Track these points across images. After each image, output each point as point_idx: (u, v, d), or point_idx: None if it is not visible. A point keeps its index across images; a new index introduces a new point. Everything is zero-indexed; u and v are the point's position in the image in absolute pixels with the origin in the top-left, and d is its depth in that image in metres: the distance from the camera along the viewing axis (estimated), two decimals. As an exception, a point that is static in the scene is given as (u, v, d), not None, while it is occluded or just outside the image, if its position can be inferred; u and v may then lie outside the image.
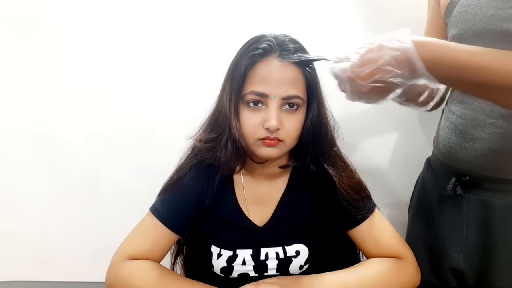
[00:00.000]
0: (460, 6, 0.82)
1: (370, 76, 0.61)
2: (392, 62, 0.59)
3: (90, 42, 1.20)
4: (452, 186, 0.87)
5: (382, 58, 0.60)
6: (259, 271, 0.82)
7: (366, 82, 0.61)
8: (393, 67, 0.59)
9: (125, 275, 0.74)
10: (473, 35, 0.79)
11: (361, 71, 0.61)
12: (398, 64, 0.59)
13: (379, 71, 0.60)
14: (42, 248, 1.35)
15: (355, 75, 0.62)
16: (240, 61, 0.74)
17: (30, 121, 1.25)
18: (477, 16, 0.78)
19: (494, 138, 0.80)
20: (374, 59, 0.60)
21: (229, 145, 0.74)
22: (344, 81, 0.64)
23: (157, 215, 0.79)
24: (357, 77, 0.61)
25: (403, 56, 0.59)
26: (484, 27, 0.77)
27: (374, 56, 0.60)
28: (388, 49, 0.59)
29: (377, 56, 0.60)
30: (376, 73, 0.60)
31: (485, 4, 0.77)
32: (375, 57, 0.60)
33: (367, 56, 0.61)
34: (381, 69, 0.59)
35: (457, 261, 0.89)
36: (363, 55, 0.61)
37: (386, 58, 0.59)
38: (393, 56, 0.59)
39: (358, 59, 0.61)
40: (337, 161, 0.81)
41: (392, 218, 1.28)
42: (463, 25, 0.81)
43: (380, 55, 0.60)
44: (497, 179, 0.82)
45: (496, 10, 0.75)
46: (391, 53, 0.59)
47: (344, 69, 0.63)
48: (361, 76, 0.61)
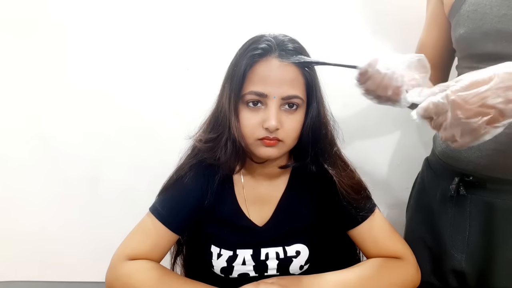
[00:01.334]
0: (468, 5, 0.80)
1: (478, 100, 0.54)
2: (504, 86, 0.53)
3: (90, 42, 1.20)
4: (455, 186, 0.85)
5: (491, 81, 0.54)
6: (259, 271, 0.82)
7: (473, 106, 0.54)
8: (505, 90, 0.53)
9: (125, 275, 0.74)
10: (482, 35, 0.77)
11: (467, 93, 0.54)
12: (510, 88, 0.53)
13: (488, 94, 0.53)
14: (42, 248, 1.35)
15: (460, 98, 0.54)
16: (240, 61, 0.74)
17: (30, 122, 1.25)
18: (487, 16, 0.76)
19: (500, 138, 0.79)
20: (483, 82, 0.54)
21: (228, 145, 0.74)
22: (444, 109, 0.56)
23: (157, 215, 0.79)
24: (463, 100, 0.54)
25: None
26: (495, 27, 0.75)
27: (483, 80, 0.54)
28: (499, 74, 0.54)
29: (486, 80, 0.54)
30: (485, 96, 0.53)
31: (496, 4, 0.75)
32: (484, 81, 0.54)
33: (475, 81, 0.55)
34: (490, 92, 0.53)
35: (459, 262, 0.89)
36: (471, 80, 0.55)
37: (496, 81, 0.53)
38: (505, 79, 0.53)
39: (465, 83, 0.55)
40: (337, 161, 0.81)
41: (392, 218, 1.28)
42: (471, 24, 0.79)
43: (489, 79, 0.54)
44: (501, 180, 0.81)
45: (508, 10, 0.74)
46: (502, 77, 0.53)
47: (446, 95, 0.56)
48: (467, 98, 0.54)
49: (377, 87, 0.68)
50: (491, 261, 0.85)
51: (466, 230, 0.88)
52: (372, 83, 0.68)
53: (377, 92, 0.69)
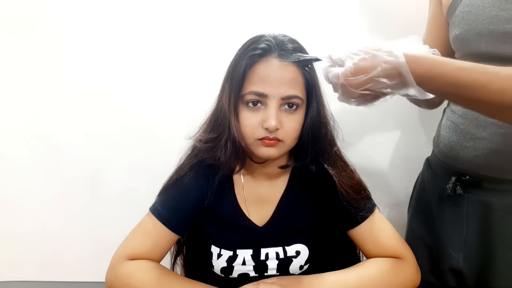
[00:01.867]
0: (463, 6, 0.81)
1: (361, 85, 0.63)
2: (383, 74, 0.61)
3: (90, 42, 1.20)
4: (452, 185, 0.86)
5: (374, 69, 0.61)
6: (259, 271, 0.82)
7: (357, 90, 0.63)
8: (384, 78, 0.61)
9: (125, 275, 0.74)
10: (475, 36, 0.78)
11: (352, 80, 0.63)
12: (389, 76, 0.61)
13: (370, 81, 0.62)
14: (42, 248, 1.35)
15: (347, 83, 0.63)
16: (239, 61, 0.74)
17: (30, 122, 1.25)
18: (479, 17, 0.77)
19: (495, 138, 0.80)
20: (366, 69, 0.62)
21: (228, 145, 0.74)
22: (336, 86, 0.66)
23: (157, 215, 0.79)
24: (349, 84, 0.63)
25: (394, 70, 0.61)
26: (487, 28, 0.76)
27: (366, 66, 0.62)
28: (381, 61, 0.61)
29: (369, 66, 0.62)
30: (367, 83, 0.62)
31: (488, 5, 0.76)
32: (368, 67, 0.62)
33: (360, 65, 0.62)
34: (372, 80, 0.61)
35: (456, 261, 0.89)
36: (356, 63, 0.63)
37: (378, 69, 0.61)
38: (385, 69, 0.61)
39: (351, 67, 0.63)
40: (337, 161, 0.81)
41: (392, 218, 1.28)
42: (465, 25, 0.80)
43: (373, 66, 0.61)
44: (497, 179, 0.82)
45: (499, 11, 0.75)
46: (383, 66, 0.61)
47: (336, 75, 0.65)
48: (352, 84, 0.63)
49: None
50: (489, 260, 0.85)
51: (463, 229, 0.88)
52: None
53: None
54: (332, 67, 0.67)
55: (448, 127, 0.91)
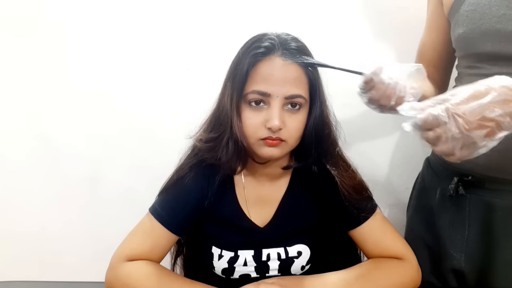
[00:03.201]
0: (468, 5, 0.80)
1: (477, 113, 0.55)
2: (502, 99, 0.55)
3: (91, 42, 1.19)
4: (454, 186, 0.86)
5: (489, 94, 0.56)
6: (261, 272, 0.82)
7: (473, 119, 0.55)
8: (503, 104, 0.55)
9: (124, 275, 0.73)
10: (481, 35, 0.78)
11: (467, 107, 0.56)
12: (508, 101, 0.55)
13: (487, 107, 0.55)
14: (42, 248, 1.35)
15: (461, 111, 0.56)
16: (242, 59, 0.73)
17: (30, 122, 1.25)
18: (486, 16, 0.76)
19: None
20: (481, 95, 0.56)
21: (230, 145, 0.74)
22: (442, 122, 0.57)
23: (157, 215, 0.78)
24: (463, 113, 0.55)
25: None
26: (494, 26, 0.75)
27: (481, 93, 0.56)
28: (497, 87, 0.56)
29: (483, 93, 0.56)
30: (484, 110, 0.55)
31: (496, 3, 0.75)
32: (482, 94, 0.56)
33: (474, 94, 0.56)
34: (489, 105, 0.55)
35: (458, 261, 0.89)
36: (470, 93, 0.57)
37: (494, 95, 0.55)
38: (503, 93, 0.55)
39: (464, 96, 0.57)
40: (339, 161, 0.81)
41: (392, 218, 1.27)
42: (470, 24, 0.79)
43: (487, 92, 0.56)
44: (499, 179, 0.82)
45: (507, 10, 0.74)
46: (499, 90, 0.56)
47: (446, 108, 0.57)
48: (467, 112, 0.55)
49: (380, 96, 0.71)
50: (490, 261, 0.85)
51: (465, 229, 0.88)
52: (376, 92, 0.71)
53: (381, 102, 0.72)
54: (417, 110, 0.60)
55: None
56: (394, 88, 0.69)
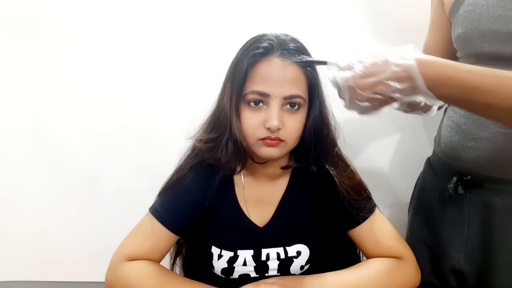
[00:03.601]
0: (466, 5, 0.81)
1: (370, 88, 0.61)
2: (394, 77, 0.60)
3: (90, 42, 1.19)
4: (454, 185, 0.86)
5: (384, 72, 0.60)
6: (260, 271, 0.82)
7: (365, 93, 0.62)
8: (394, 82, 0.60)
9: (124, 275, 0.74)
10: (478, 35, 0.78)
11: (362, 82, 0.62)
12: (399, 79, 0.60)
13: (379, 84, 0.61)
14: (42, 248, 1.35)
15: (356, 85, 0.62)
16: (241, 60, 0.73)
17: (29, 121, 1.25)
18: (483, 16, 0.77)
19: (497, 138, 0.80)
20: (376, 72, 0.61)
21: (229, 145, 0.74)
22: (344, 90, 0.65)
23: (157, 215, 0.78)
24: (358, 87, 0.62)
25: (405, 73, 0.60)
26: (491, 27, 0.76)
27: (377, 69, 0.61)
28: (392, 64, 0.60)
29: (380, 69, 0.61)
30: (376, 86, 0.61)
31: (493, 4, 0.76)
32: (378, 70, 0.61)
33: (370, 69, 0.62)
34: (382, 83, 0.60)
35: (457, 261, 0.89)
36: (367, 66, 0.62)
37: (388, 72, 0.60)
38: (395, 72, 0.60)
39: (361, 70, 0.62)
40: (338, 161, 0.81)
41: (392, 218, 1.27)
42: (468, 24, 0.80)
43: (383, 69, 0.61)
44: (499, 179, 0.82)
45: (503, 11, 0.75)
46: (393, 69, 0.60)
47: (345, 78, 0.63)
48: (361, 86, 0.62)
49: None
50: (490, 261, 0.86)
51: (464, 229, 0.88)
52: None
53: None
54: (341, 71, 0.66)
55: (450, 127, 0.91)
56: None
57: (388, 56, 0.61)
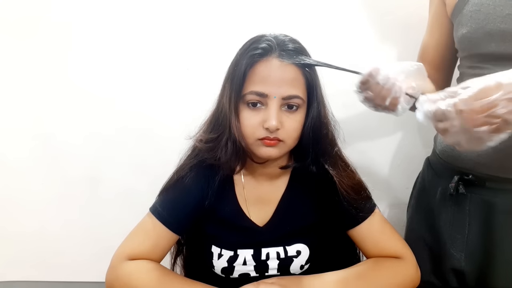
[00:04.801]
0: (472, 5, 0.80)
1: (485, 109, 0.56)
2: (508, 98, 0.55)
3: (91, 42, 1.20)
4: (455, 185, 0.86)
5: (498, 91, 0.56)
6: (260, 271, 0.82)
7: (480, 116, 0.56)
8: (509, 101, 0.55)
9: (125, 275, 0.74)
10: (485, 35, 0.78)
11: (475, 103, 0.56)
12: None
13: (495, 105, 0.55)
14: (42, 248, 1.35)
15: (468, 107, 0.56)
16: (240, 61, 0.74)
17: (30, 122, 1.25)
18: (490, 16, 0.77)
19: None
20: (489, 92, 0.56)
21: (229, 145, 0.74)
22: (450, 116, 0.58)
23: (157, 215, 0.78)
24: (471, 109, 0.56)
25: None
26: (498, 27, 0.76)
27: (490, 90, 0.56)
28: (506, 84, 0.56)
29: (493, 90, 0.56)
30: (492, 107, 0.56)
31: (500, 4, 0.75)
32: (491, 91, 0.56)
33: (483, 90, 0.57)
34: (497, 103, 0.55)
35: (458, 261, 0.89)
36: (479, 88, 0.57)
37: (503, 92, 0.56)
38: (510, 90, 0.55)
39: (472, 92, 0.57)
40: (338, 161, 0.81)
41: (392, 218, 1.28)
42: (474, 24, 0.79)
43: (496, 89, 0.56)
44: (500, 178, 0.82)
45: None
46: (508, 88, 0.56)
47: (454, 103, 0.58)
48: (475, 108, 0.56)
49: (376, 96, 0.73)
50: (491, 260, 0.85)
51: (465, 229, 0.88)
52: (371, 92, 0.72)
53: (376, 101, 0.73)
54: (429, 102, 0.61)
55: None
56: (389, 89, 0.71)
57: (498, 78, 0.57)
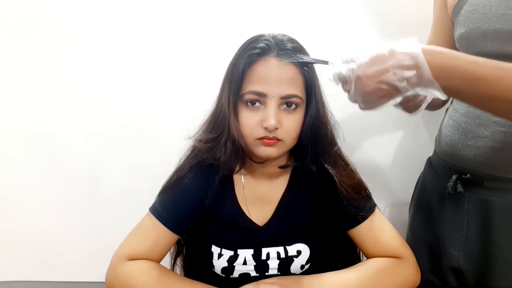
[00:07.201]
0: (469, 5, 0.81)
1: (377, 76, 0.60)
2: (400, 66, 0.59)
3: (91, 42, 1.20)
4: (453, 184, 0.87)
5: (390, 59, 0.60)
6: (260, 271, 0.82)
7: (372, 82, 0.61)
8: (401, 69, 0.59)
9: (125, 275, 0.74)
10: (481, 35, 0.79)
11: (369, 70, 0.61)
12: (405, 67, 0.59)
13: (386, 71, 0.60)
14: (42, 248, 1.35)
15: (362, 73, 0.61)
16: (239, 60, 0.74)
17: (30, 121, 1.25)
18: (486, 15, 0.78)
19: (497, 136, 0.80)
20: (382, 59, 0.60)
21: (228, 145, 0.74)
22: (350, 80, 0.64)
23: (157, 215, 0.78)
24: (364, 75, 0.61)
25: (411, 61, 0.59)
26: (493, 26, 0.77)
27: (383, 58, 0.60)
28: (398, 53, 0.60)
29: (386, 57, 0.60)
30: (383, 73, 0.60)
31: (495, 4, 0.76)
32: (384, 58, 0.60)
33: (376, 58, 0.61)
34: (388, 70, 0.60)
35: (457, 260, 0.89)
36: (373, 56, 0.62)
37: (394, 60, 0.60)
38: (402, 60, 0.59)
39: (367, 58, 0.61)
40: (338, 160, 0.81)
41: (392, 218, 1.28)
42: (471, 24, 0.80)
43: (389, 56, 0.60)
44: (498, 178, 0.82)
45: (506, 10, 0.75)
46: (399, 57, 0.59)
47: (352, 68, 0.63)
48: (368, 74, 0.61)
49: None
50: (489, 259, 0.86)
51: (464, 227, 0.88)
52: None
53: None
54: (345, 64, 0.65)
55: (450, 126, 0.91)
56: None
57: (393, 46, 0.61)
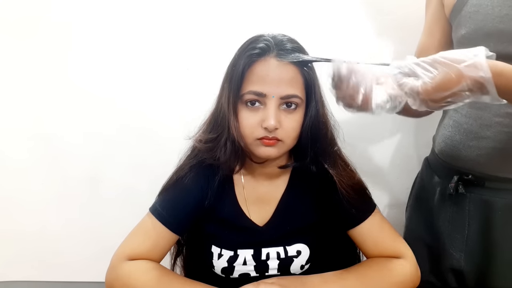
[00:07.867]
0: (470, 6, 0.81)
1: (443, 99, 0.59)
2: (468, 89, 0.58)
3: (91, 42, 1.20)
4: (454, 185, 0.86)
5: (458, 84, 0.58)
6: (260, 271, 0.82)
7: (438, 104, 0.60)
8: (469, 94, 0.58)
9: (125, 275, 0.74)
10: (484, 35, 0.78)
11: (435, 97, 0.59)
12: (474, 92, 0.58)
13: (453, 95, 0.58)
14: (42, 248, 1.35)
15: (428, 98, 0.59)
16: (238, 61, 0.74)
17: (30, 121, 1.25)
18: (489, 16, 0.77)
19: (500, 137, 0.80)
20: (450, 85, 0.58)
21: (228, 145, 0.74)
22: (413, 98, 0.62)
23: (157, 215, 0.78)
24: (430, 99, 0.60)
25: (480, 85, 0.57)
26: (497, 27, 0.76)
27: (450, 82, 0.58)
28: (467, 77, 0.57)
29: (453, 82, 0.58)
30: (450, 97, 0.59)
31: (498, 4, 0.76)
32: (451, 83, 0.58)
33: (443, 81, 0.58)
34: (455, 94, 0.58)
35: (457, 260, 0.89)
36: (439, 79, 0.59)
37: (462, 85, 0.57)
38: (471, 84, 0.57)
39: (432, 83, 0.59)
40: (338, 161, 0.81)
41: (392, 218, 1.27)
42: (473, 25, 0.80)
43: (457, 82, 0.57)
44: (499, 178, 0.82)
45: (509, 10, 0.75)
46: (468, 80, 0.57)
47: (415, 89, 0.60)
48: (434, 98, 0.59)
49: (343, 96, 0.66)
50: (490, 260, 0.85)
51: (465, 228, 0.88)
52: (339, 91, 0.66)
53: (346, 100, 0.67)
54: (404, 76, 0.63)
55: (451, 126, 0.91)
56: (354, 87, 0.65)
57: (460, 66, 0.58)
